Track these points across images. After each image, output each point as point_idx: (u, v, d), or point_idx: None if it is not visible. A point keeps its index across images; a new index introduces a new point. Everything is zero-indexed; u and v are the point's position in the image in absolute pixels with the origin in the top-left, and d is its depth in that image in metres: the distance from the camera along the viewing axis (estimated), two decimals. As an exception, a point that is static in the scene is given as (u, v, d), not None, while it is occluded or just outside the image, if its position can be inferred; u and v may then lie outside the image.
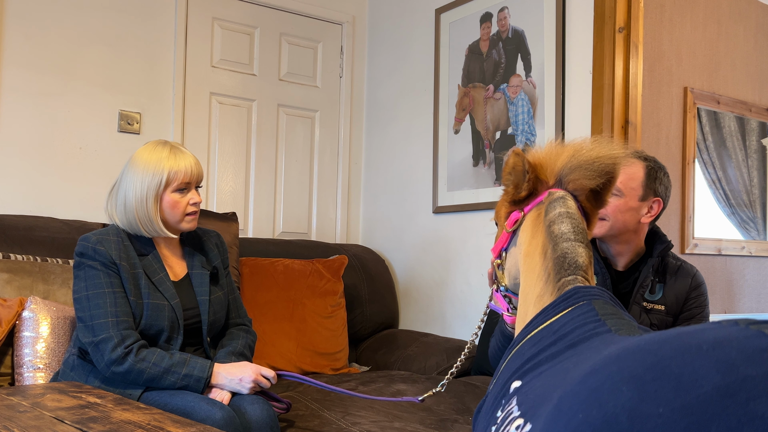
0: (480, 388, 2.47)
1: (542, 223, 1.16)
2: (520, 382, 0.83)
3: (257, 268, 2.88)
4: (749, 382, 0.48)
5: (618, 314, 0.88)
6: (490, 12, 3.08)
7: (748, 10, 4.01)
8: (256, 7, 3.48)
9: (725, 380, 0.49)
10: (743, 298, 3.94)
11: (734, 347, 0.51)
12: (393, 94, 3.64)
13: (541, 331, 0.92)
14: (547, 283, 1.08)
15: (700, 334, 0.56)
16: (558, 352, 0.83)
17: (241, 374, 1.82)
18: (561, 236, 1.12)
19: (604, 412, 0.56)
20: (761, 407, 0.46)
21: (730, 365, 0.50)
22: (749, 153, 4.04)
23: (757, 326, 0.53)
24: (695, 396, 0.49)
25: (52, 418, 1.32)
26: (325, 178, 3.70)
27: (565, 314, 0.92)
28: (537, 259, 1.13)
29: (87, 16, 3.00)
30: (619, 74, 2.60)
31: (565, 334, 0.86)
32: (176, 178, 1.86)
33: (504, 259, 1.26)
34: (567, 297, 0.96)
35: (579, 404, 0.60)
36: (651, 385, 0.53)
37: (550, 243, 1.12)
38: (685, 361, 0.53)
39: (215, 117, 3.36)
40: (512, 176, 1.20)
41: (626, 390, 0.55)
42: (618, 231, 1.85)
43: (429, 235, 3.36)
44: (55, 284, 2.30)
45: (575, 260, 1.08)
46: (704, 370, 0.51)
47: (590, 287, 0.98)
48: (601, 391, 0.58)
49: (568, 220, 1.13)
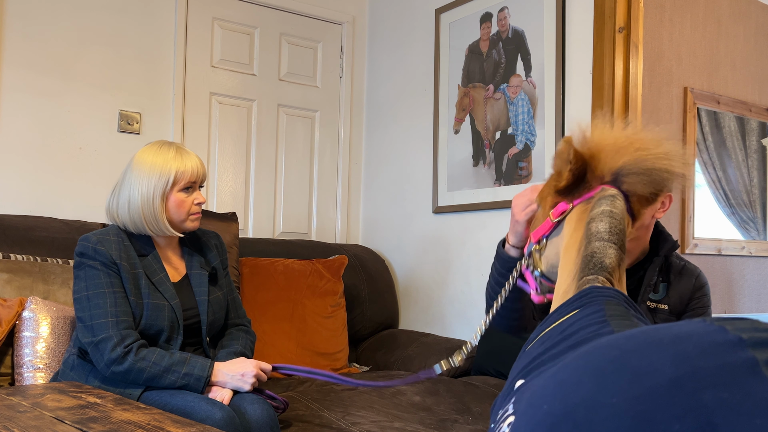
0: (480, 388, 2.47)
1: (585, 219, 1.13)
2: (523, 380, 0.84)
3: (257, 268, 2.88)
4: (699, 372, 0.49)
5: (625, 316, 0.87)
6: (490, 12, 3.08)
7: (748, 10, 4.01)
8: (256, 7, 3.48)
9: (677, 372, 0.50)
10: (743, 298, 3.94)
11: (692, 341, 0.53)
12: (393, 94, 3.64)
13: (551, 330, 0.92)
14: (573, 280, 1.07)
15: (667, 330, 0.57)
16: (560, 352, 0.83)
17: (243, 369, 1.83)
18: (595, 234, 1.10)
19: (565, 404, 0.57)
20: (707, 396, 0.48)
21: (685, 358, 0.51)
22: (749, 153, 4.04)
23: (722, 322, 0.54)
24: (648, 387, 0.51)
25: (52, 418, 1.32)
26: (325, 178, 3.70)
27: (575, 314, 0.91)
28: (572, 255, 1.12)
29: (87, 16, 3.00)
30: (619, 74, 2.59)
31: (570, 335, 0.86)
32: (183, 178, 1.88)
33: (544, 246, 1.23)
34: (580, 296, 0.96)
35: (545, 397, 0.62)
36: (610, 377, 0.55)
37: (586, 240, 1.11)
38: (645, 354, 0.54)
39: (215, 117, 3.36)
40: (558, 161, 1.17)
41: (587, 382, 0.56)
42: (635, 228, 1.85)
43: (429, 235, 3.36)
44: (55, 284, 2.30)
45: (601, 260, 1.07)
46: (660, 363, 0.52)
47: (606, 288, 0.97)
48: (565, 384, 0.59)
49: (607, 219, 1.11)
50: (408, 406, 2.22)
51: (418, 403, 2.26)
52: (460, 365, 1.57)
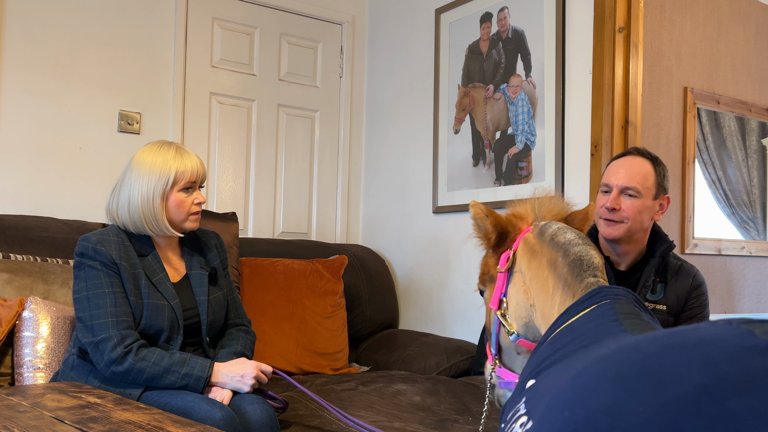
0: (480, 388, 2.47)
1: (540, 242, 1.21)
2: (534, 380, 0.83)
3: (257, 268, 2.88)
4: (728, 380, 0.47)
5: (637, 315, 0.87)
6: (490, 12, 3.08)
7: (748, 10, 4.01)
8: (256, 7, 3.48)
9: (705, 379, 0.48)
10: (743, 298, 3.94)
11: (719, 346, 0.51)
12: (393, 94, 3.64)
13: (563, 330, 0.92)
14: (565, 289, 1.08)
15: (690, 333, 0.55)
16: (571, 351, 0.82)
17: (243, 371, 1.82)
18: (569, 243, 1.14)
19: (587, 410, 0.55)
20: (737, 405, 0.45)
21: (712, 363, 0.49)
22: (749, 153, 4.04)
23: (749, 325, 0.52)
24: (674, 394, 0.49)
25: (52, 418, 1.32)
26: (325, 178, 3.70)
27: (586, 313, 0.91)
28: (546, 274, 1.14)
29: (87, 16, 3.00)
30: (619, 74, 2.59)
31: (581, 334, 0.85)
32: (183, 178, 1.88)
33: (506, 306, 1.25)
34: (590, 296, 0.96)
35: (566, 402, 0.60)
36: (633, 383, 0.53)
37: (559, 252, 1.14)
38: (669, 359, 0.53)
39: (215, 117, 3.36)
40: (478, 223, 1.31)
41: (609, 388, 0.55)
42: (635, 231, 1.86)
43: (429, 235, 3.36)
44: (55, 284, 2.30)
45: (592, 261, 1.10)
46: (686, 369, 0.50)
47: (615, 287, 0.97)
48: (586, 389, 0.58)
49: (569, 230, 1.18)
50: (408, 406, 2.22)
51: (418, 403, 2.26)
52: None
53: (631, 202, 1.84)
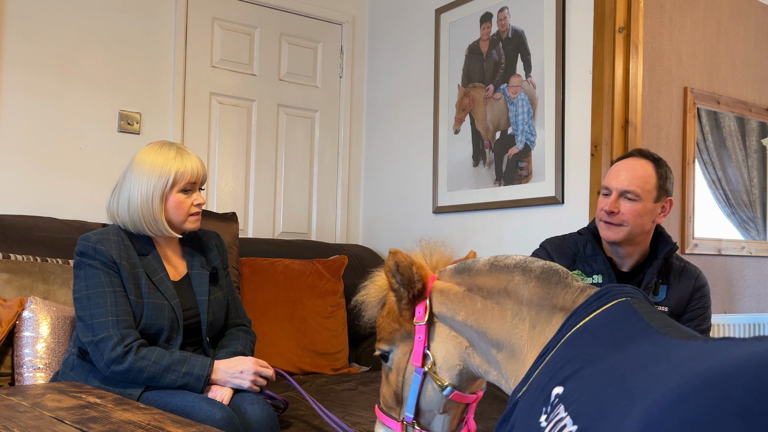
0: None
1: (470, 278, 1.16)
2: (562, 388, 0.79)
3: (257, 268, 2.88)
4: None
5: (658, 313, 0.85)
6: (490, 12, 3.08)
7: (748, 10, 4.01)
8: (256, 7, 3.48)
9: None
10: (743, 298, 3.94)
11: None
12: (393, 94, 3.64)
13: (576, 332, 0.88)
14: (541, 307, 1.04)
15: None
16: (600, 355, 0.78)
17: (242, 366, 1.83)
18: (525, 261, 1.11)
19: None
20: None
21: None
22: (749, 153, 4.04)
23: None
24: None
25: (52, 418, 1.32)
26: (325, 178, 3.70)
27: (601, 313, 0.88)
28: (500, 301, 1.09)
29: (87, 16, 3.00)
30: (619, 74, 2.59)
31: (604, 335, 0.82)
32: (183, 179, 1.88)
33: (433, 360, 1.18)
34: (600, 296, 0.93)
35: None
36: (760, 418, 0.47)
37: (513, 273, 1.09)
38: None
39: (215, 117, 3.36)
40: (401, 272, 1.21)
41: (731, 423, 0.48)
42: (635, 234, 1.85)
43: (429, 235, 3.34)
44: (55, 284, 2.30)
45: (560, 269, 1.07)
46: None
47: (623, 285, 0.95)
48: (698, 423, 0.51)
49: (506, 256, 1.13)
50: (408, 406, 2.21)
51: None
52: None
53: (631, 206, 1.83)
